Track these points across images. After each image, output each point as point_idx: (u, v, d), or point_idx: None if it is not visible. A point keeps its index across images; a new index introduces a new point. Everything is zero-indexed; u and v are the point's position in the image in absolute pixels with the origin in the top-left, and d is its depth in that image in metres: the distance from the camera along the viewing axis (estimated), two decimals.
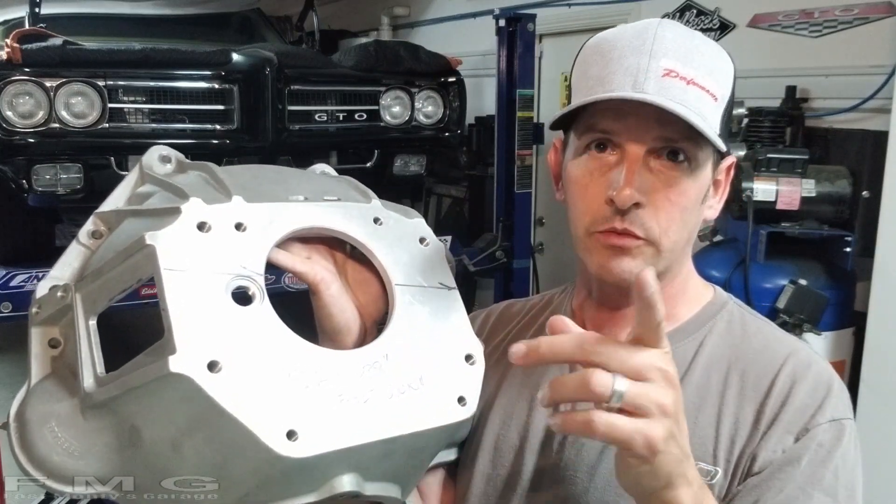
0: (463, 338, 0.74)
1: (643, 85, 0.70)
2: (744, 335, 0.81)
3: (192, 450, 0.60)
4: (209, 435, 0.59)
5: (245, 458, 0.59)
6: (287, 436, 0.58)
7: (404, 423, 0.64)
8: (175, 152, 0.80)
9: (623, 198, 0.70)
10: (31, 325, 0.71)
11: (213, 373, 0.57)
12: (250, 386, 0.58)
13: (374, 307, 0.75)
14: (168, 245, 0.61)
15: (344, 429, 0.61)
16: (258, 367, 0.59)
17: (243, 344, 0.60)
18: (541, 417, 0.83)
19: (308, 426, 0.59)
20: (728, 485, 0.73)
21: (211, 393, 0.56)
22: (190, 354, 0.56)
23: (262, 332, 0.62)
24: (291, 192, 0.72)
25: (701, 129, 0.69)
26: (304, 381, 0.61)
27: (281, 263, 0.70)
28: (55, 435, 0.64)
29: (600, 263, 0.75)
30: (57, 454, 0.63)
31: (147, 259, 0.61)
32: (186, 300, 0.59)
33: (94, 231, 0.76)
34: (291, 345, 0.63)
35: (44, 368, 0.70)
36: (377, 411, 0.64)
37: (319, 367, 0.63)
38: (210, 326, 0.59)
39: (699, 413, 0.76)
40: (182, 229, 0.63)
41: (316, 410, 0.60)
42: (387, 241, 0.75)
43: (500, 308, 0.99)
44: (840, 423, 0.74)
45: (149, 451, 0.62)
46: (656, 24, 0.74)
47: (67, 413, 0.65)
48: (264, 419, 0.57)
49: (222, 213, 0.65)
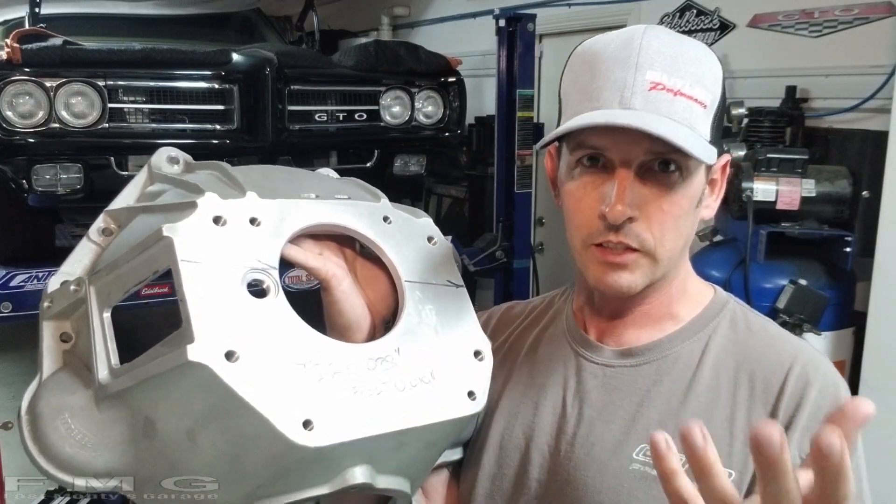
0: (471, 334, 0.75)
1: (630, 100, 0.71)
2: (748, 334, 0.81)
3: (208, 441, 0.61)
4: (225, 425, 0.59)
5: (260, 448, 0.59)
6: (303, 425, 0.58)
7: (417, 416, 0.65)
8: (183, 154, 0.81)
9: (615, 214, 0.72)
10: (43, 318, 0.71)
11: (230, 362, 0.57)
12: (267, 376, 0.59)
13: (383, 304, 0.76)
14: (185, 237, 0.62)
15: (358, 420, 0.61)
16: (274, 357, 0.60)
17: (259, 335, 0.60)
18: (546, 417, 0.83)
19: (323, 416, 0.59)
20: (748, 490, 0.73)
21: (229, 382, 0.56)
22: (208, 344, 0.57)
23: (278, 324, 0.62)
24: (303, 191, 0.73)
25: (684, 148, 0.69)
26: (318, 373, 0.62)
27: (294, 259, 0.71)
28: (68, 426, 0.65)
29: (597, 277, 0.76)
30: (70, 445, 0.64)
31: (164, 251, 0.62)
32: (204, 291, 0.60)
33: (104, 228, 0.77)
34: (306, 337, 0.63)
35: (56, 362, 0.70)
36: (390, 404, 0.64)
37: (334, 359, 0.63)
38: (227, 317, 0.60)
39: (712, 414, 0.76)
40: (198, 222, 0.63)
41: (331, 401, 0.61)
42: (396, 239, 0.76)
43: (501, 310, 0.99)
44: None
45: (163, 443, 0.62)
46: (641, 33, 0.74)
47: (81, 405, 0.66)
48: (281, 408, 0.58)
49: (237, 207, 0.66)
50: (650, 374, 0.81)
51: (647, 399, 0.79)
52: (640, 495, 0.75)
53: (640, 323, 0.83)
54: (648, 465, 0.76)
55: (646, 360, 0.82)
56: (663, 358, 0.81)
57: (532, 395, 0.86)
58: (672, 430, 0.75)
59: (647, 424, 0.78)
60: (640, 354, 0.82)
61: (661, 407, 0.78)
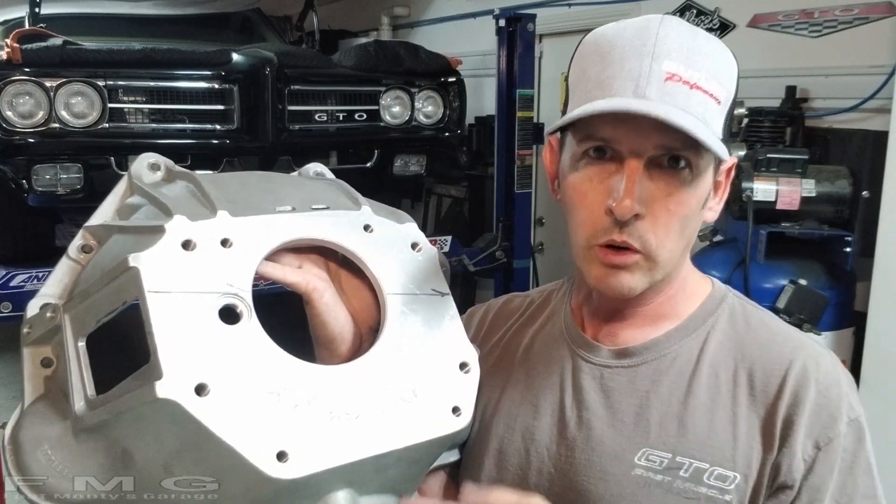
0: (457, 345, 0.73)
1: (645, 90, 0.68)
2: (747, 329, 0.80)
3: (184, 472, 0.60)
4: (199, 457, 0.59)
5: (236, 480, 0.59)
6: (277, 457, 0.58)
7: (397, 438, 0.64)
8: (164, 159, 0.79)
9: (623, 209, 0.69)
10: (23, 345, 0.71)
11: (200, 396, 0.56)
12: (239, 408, 0.58)
13: (369, 313, 0.75)
14: (152, 266, 0.60)
15: (335, 447, 0.61)
16: (246, 388, 0.59)
17: (231, 365, 0.59)
18: (545, 420, 0.82)
19: (298, 446, 0.59)
20: (753, 494, 0.72)
21: (199, 417, 0.56)
22: (176, 379, 0.56)
23: (250, 352, 0.61)
24: (279, 202, 0.71)
25: (705, 143, 0.67)
26: (293, 400, 0.61)
27: (270, 276, 0.69)
28: (49, 458, 0.64)
29: (598, 279, 0.74)
30: (52, 476, 0.63)
31: (131, 281, 0.60)
32: (172, 322, 0.58)
33: (83, 245, 0.76)
34: (280, 363, 0.62)
35: (37, 389, 0.70)
36: (369, 427, 0.63)
37: (309, 384, 0.62)
38: (197, 348, 0.58)
39: (713, 416, 0.75)
40: (166, 249, 0.62)
41: (306, 430, 0.60)
42: (378, 248, 0.74)
43: (498, 303, 0.97)
44: (857, 422, 0.74)
45: (141, 473, 0.62)
46: (658, 22, 0.70)
47: (59, 436, 0.65)
48: (253, 441, 0.57)
49: (207, 229, 0.64)
50: (648, 374, 0.79)
51: (647, 401, 0.78)
52: (643, 501, 0.74)
53: (637, 322, 0.81)
54: (651, 471, 0.75)
55: (643, 359, 0.80)
56: (661, 357, 0.79)
57: (530, 397, 0.84)
58: (673, 433, 0.76)
59: (647, 428, 0.76)
60: (638, 354, 0.80)
61: (661, 409, 0.77)
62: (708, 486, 0.72)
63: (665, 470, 0.74)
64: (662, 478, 0.74)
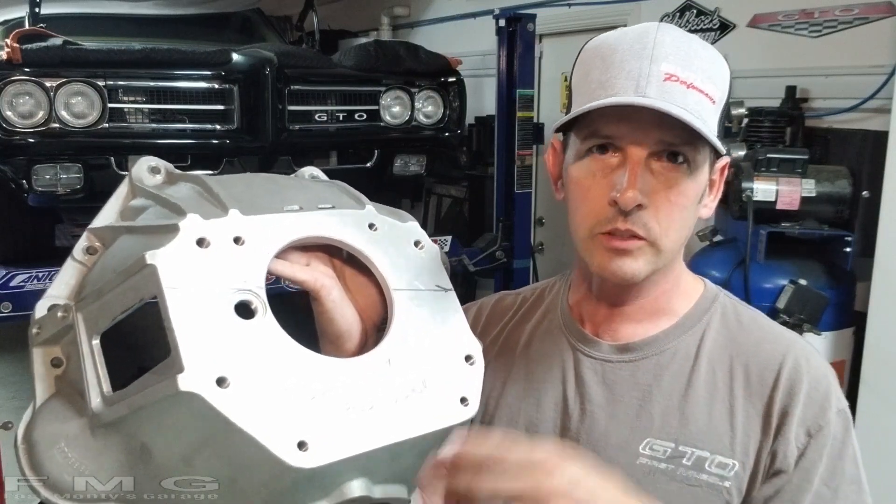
0: (461, 338, 0.75)
1: (645, 89, 0.72)
2: (739, 327, 0.84)
3: (204, 465, 0.61)
4: (220, 450, 0.59)
5: (256, 471, 0.60)
6: (298, 446, 0.58)
7: (410, 427, 0.65)
8: (164, 163, 0.80)
9: (627, 199, 0.73)
10: (32, 345, 0.71)
11: (221, 388, 0.57)
12: (259, 399, 0.59)
13: (374, 310, 0.76)
14: (169, 263, 0.61)
15: (352, 436, 0.62)
16: (265, 380, 0.60)
17: (249, 358, 0.60)
18: (548, 413, 0.85)
19: (317, 436, 0.60)
20: (750, 480, 0.77)
21: (221, 409, 0.56)
22: (198, 372, 0.57)
23: (267, 346, 0.62)
24: (286, 202, 0.73)
25: (704, 135, 0.72)
26: (310, 392, 0.62)
27: (281, 273, 0.71)
28: (65, 455, 0.64)
29: (602, 264, 0.77)
30: (68, 473, 0.64)
31: (149, 278, 0.61)
32: (191, 318, 0.59)
33: (88, 247, 0.76)
34: (296, 356, 0.63)
35: (48, 388, 0.70)
36: (383, 417, 0.65)
37: (325, 376, 0.64)
38: (215, 342, 0.59)
39: (712, 407, 0.80)
40: (182, 246, 0.63)
41: (324, 420, 0.61)
42: (382, 246, 0.76)
43: (491, 301, 1.00)
44: (844, 413, 0.79)
45: (160, 468, 0.62)
46: (655, 29, 0.76)
47: (76, 433, 0.65)
48: (275, 432, 0.58)
49: (220, 227, 0.66)
50: (649, 369, 0.83)
51: (649, 394, 0.82)
52: (648, 489, 0.76)
53: (636, 317, 0.85)
54: (655, 459, 0.79)
55: (644, 354, 0.84)
56: (661, 353, 0.84)
57: (533, 391, 0.87)
58: (675, 424, 0.80)
59: (650, 419, 0.81)
60: (638, 349, 0.84)
61: (663, 401, 0.81)
62: (709, 473, 0.78)
63: (668, 459, 0.79)
64: (666, 466, 0.79)
